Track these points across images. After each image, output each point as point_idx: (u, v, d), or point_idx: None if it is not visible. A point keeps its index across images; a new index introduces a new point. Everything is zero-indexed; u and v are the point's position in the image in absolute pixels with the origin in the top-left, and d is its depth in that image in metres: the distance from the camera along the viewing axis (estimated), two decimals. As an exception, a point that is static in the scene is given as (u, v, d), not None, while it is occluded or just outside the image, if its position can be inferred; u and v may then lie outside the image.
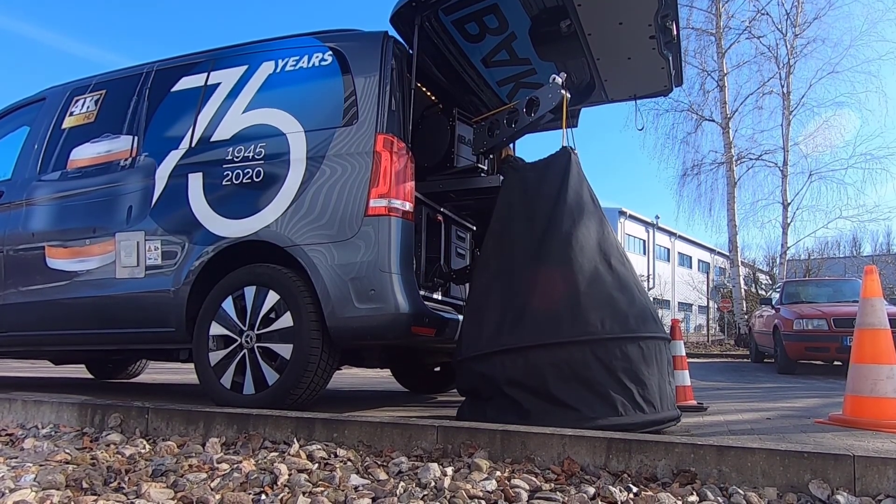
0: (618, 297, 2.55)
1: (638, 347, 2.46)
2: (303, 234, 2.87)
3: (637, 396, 2.41)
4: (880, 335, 2.82)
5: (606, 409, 2.37)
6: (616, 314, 2.49)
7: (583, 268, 2.56)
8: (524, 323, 2.52)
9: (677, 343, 3.94)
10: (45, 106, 3.92)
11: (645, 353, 2.48)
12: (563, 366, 2.41)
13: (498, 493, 1.70)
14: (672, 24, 3.21)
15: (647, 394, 2.45)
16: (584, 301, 2.49)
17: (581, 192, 2.78)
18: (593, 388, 2.39)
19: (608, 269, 2.61)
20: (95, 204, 3.42)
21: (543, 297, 2.53)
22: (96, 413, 2.70)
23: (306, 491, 1.72)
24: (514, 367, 2.48)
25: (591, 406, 2.36)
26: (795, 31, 14.81)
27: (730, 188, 14.85)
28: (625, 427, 2.34)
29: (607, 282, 2.57)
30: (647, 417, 2.41)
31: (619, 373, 2.41)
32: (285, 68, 3.21)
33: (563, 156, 2.86)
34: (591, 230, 2.69)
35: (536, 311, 2.52)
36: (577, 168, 2.83)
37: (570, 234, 2.63)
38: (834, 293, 9.03)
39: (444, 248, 3.48)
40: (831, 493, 1.67)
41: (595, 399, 2.38)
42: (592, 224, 2.71)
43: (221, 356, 2.96)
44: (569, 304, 2.49)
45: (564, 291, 2.52)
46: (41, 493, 1.70)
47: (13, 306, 3.59)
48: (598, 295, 2.52)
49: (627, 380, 2.42)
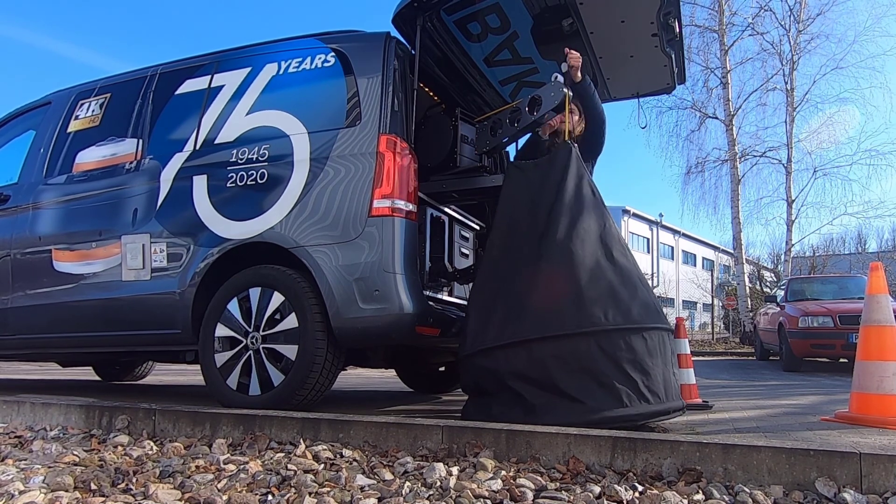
0: (620, 288, 2.55)
1: (642, 338, 2.47)
2: (307, 236, 2.88)
3: (642, 387, 2.41)
4: (886, 332, 2.81)
5: (612, 400, 2.37)
6: (619, 305, 2.49)
7: (584, 261, 2.57)
8: (527, 316, 2.52)
9: (682, 341, 3.94)
10: (51, 110, 3.94)
11: (649, 344, 2.48)
12: (567, 357, 2.42)
13: (503, 493, 1.70)
14: (674, 21, 3.20)
15: (651, 384, 2.45)
16: (586, 293, 2.50)
17: (581, 186, 2.78)
18: (598, 379, 2.39)
19: (610, 261, 2.62)
20: (101, 207, 3.44)
21: (546, 290, 2.54)
22: (104, 415, 2.72)
23: (312, 491, 1.72)
24: (518, 360, 2.49)
25: (596, 397, 2.37)
26: (799, 27, 14.73)
27: (734, 185, 14.79)
28: (630, 418, 2.35)
29: (609, 274, 2.58)
30: (652, 408, 2.41)
31: (624, 363, 2.41)
32: (288, 70, 3.22)
33: (563, 152, 2.86)
34: (591, 223, 2.69)
35: (539, 304, 2.52)
36: (577, 163, 2.83)
37: (570, 227, 2.63)
38: (839, 290, 8.98)
39: (447, 248, 3.49)
40: (838, 491, 1.67)
41: (600, 390, 2.38)
42: (593, 217, 2.71)
43: (227, 357, 2.97)
44: (572, 297, 2.50)
45: (567, 284, 2.53)
46: (50, 495, 1.71)
47: (21, 309, 3.61)
48: (600, 287, 2.53)
49: (632, 370, 2.42)
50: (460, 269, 3.50)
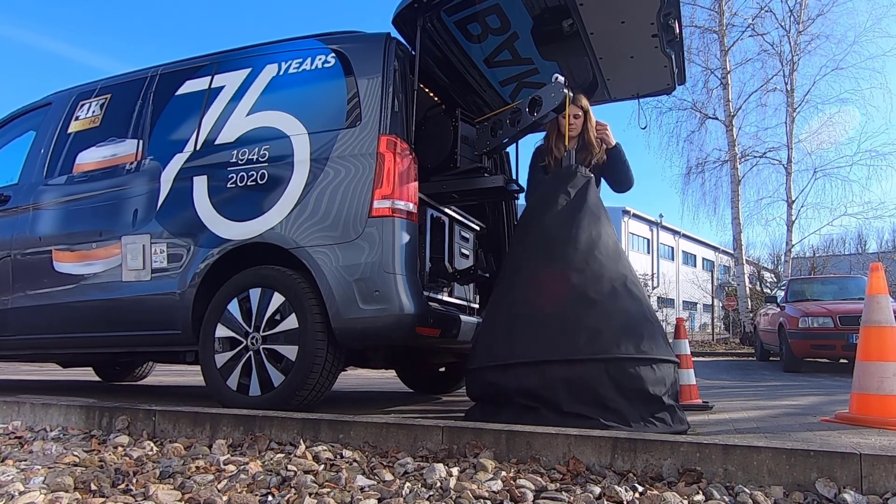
0: (632, 318, 2.61)
1: (651, 369, 2.51)
2: (307, 236, 2.88)
3: (647, 414, 2.48)
4: (886, 332, 2.81)
5: (618, 421, 2.42)
6: (631, 335, 2.55)
7: (600, 287, 2.64)
8: (540, 337, 2.56)
9: (682, 342, 3.94)
10: (51, 110, 3.94)
11: (657, 374, 2.53)
12: (577, 381, 2.46)
13: (503, 493, 1.70)
14: (674, 22, 3.21)
15: (657, 411, 2.51)
16: (600, 319, 2.55)
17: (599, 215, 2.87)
18: (605, 405, 2.44)
19: (624, 289, 2.68)
20: (101, 207, 3.44)
21: (560, 312, 2.59)
22: (104, 415, 2.72)
23: (312, 492, 1.72)
24: (528, 380, 2.52)
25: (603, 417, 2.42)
26: (799, 27, 14.73)
27: (734, 186, 14.79)
28: None
29: (623, 302, 2.64)
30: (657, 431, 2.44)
31: (632, 391, 2.47)
32: (288, 71, 3.22)
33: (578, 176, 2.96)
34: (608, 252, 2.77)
35: (553, 326, 2.57)
36: (592, 188, 2.94)
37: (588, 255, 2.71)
38: (839, 290, 8.99)
39: (447, 249, 3.49)
40: (838, 492, 1.67)
41: (607, 412, 2.44)
42: (610, 244, 2.81)
43: (227, 358, 2.97)
44: (586, 322, 2.55)
45: (581, 309, 2.58)
46: (50, 496, 1.71)
47: (21, 310, 3.62)
48: (614, 314, 2.58)
49: (639, 400, 2.47)
50: (460, 270, 3.50)
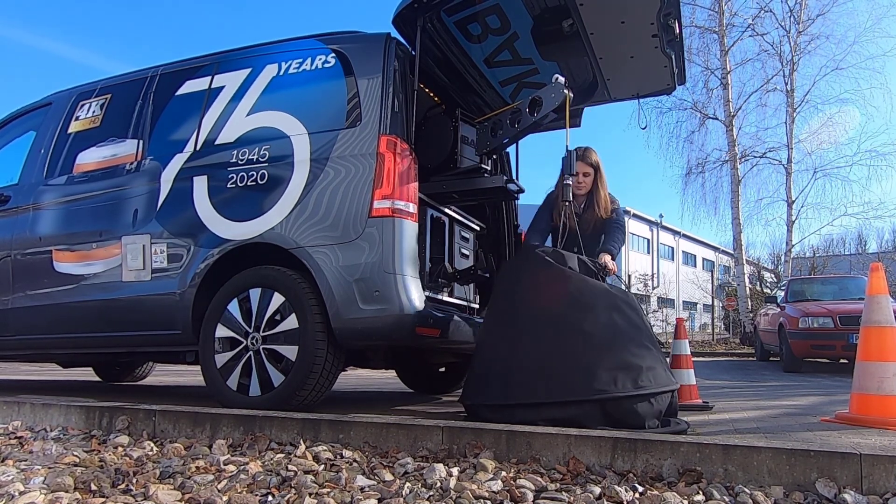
0: (630, 351, 2.56)
1: (649, 404, 2.49)
2: (307, 236, 2.88)
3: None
4: (887, 332, 2.81)
5: None
6: (629, 370, 2.50)
7: (596, 322, 2.59)
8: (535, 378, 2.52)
9: (682, 342, 3.94)
10: (51, 111, 3.94)
11: (654, 406, 2.51)
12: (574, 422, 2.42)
13: (504, 493, 1.70)
14: (674, 22, 3.20)
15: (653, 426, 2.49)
16: (596, 358, 2.51)
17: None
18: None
19: (623, 320, 2.63)
20: (101, 208, 3.45)
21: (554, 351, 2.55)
22: (104, 415, 2.72)
23: (312, 492, 1.72)
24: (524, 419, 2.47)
25: None
26: (799, 27, 14.73)
27: (734, 186, 14.79)
28: None
29: (620, 336, 2.59)
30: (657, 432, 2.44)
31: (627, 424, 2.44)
32: (288, 71, 3.22)
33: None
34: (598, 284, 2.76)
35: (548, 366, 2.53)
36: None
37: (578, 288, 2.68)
38: (839, 291, 8.98)
39: (448, 249, 3.49)
40: (838, 492, 1.67)
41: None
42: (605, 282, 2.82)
43: (227, 358, 2.97)
44: (581, 361, 2.51)
45: (576, 346, 2.54)
46: (50, 496, 1.71)
47: (21, 310, 3.62)
48: (611, 350, 2.54)
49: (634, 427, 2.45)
50: (460, 270, 3.51)
